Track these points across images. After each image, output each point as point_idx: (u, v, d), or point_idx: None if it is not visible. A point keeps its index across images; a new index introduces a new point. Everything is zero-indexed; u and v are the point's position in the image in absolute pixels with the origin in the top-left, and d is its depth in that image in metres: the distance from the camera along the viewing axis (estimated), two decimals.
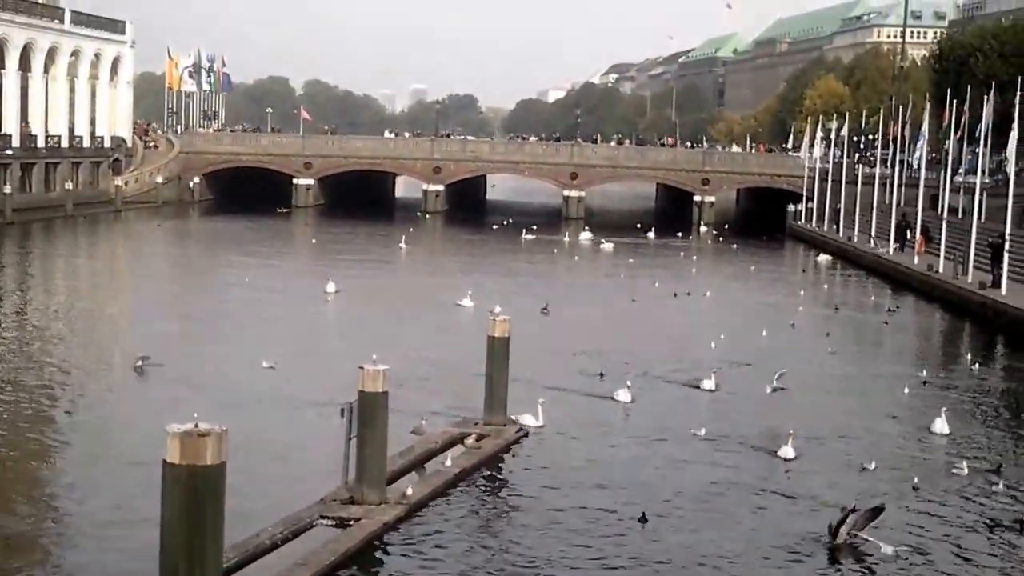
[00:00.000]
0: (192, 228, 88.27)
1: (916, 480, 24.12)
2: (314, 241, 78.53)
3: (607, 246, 75.61)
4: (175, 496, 15.44)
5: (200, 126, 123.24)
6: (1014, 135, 51.80)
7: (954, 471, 25.01)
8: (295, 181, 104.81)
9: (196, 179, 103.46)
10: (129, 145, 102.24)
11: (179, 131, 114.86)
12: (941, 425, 28.19)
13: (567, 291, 53.63)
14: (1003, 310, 46.83)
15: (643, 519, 21.56)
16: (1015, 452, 27.24)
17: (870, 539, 20.07)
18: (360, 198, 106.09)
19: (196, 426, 15.35)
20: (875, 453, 26.05)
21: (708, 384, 32.25)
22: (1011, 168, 53.76)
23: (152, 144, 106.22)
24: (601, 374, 33.37)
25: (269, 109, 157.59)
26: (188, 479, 15.36)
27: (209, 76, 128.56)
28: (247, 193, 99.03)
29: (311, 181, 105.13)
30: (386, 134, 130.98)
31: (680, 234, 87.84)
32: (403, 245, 70.08)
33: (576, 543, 20.56)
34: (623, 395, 30.75)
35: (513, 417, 27.52)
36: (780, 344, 40.87)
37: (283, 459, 24.94)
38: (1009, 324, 45.54)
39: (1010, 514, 22.26)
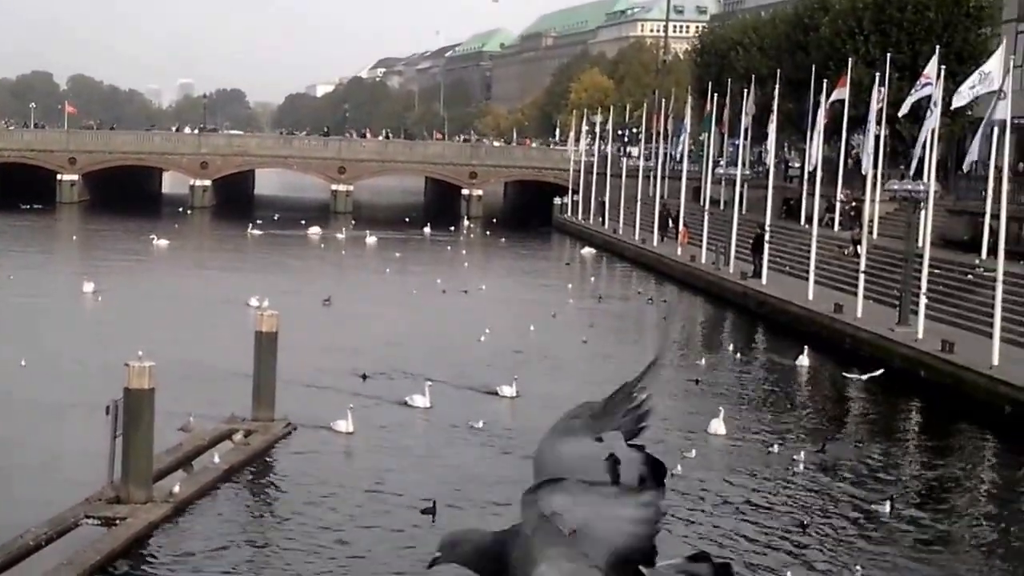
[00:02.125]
0: None
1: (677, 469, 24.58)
2: (75, 238, 76.70)
3: (371, 240, 75.04)
4: None
5: None
6: (772, 127, 53.19)
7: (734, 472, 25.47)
8: (59, 177, 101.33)
9: None
10: None
11: None
12: (717, 425, 27.97)
13: (341, 286, 52.47)
14: (763, 300, 48.06)
15: (431, 511, 21.40)
16: (791, 444, 27.45)
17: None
18: (127, 194, 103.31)
19: None
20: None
21: (508, 391, 31.14)
22: (770, 160, 55.20)
23: None
24: (364, 375, 32.80)
25: (32, 104, 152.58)
26: None
27: None
28: (8, 190, 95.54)
29: (76, 177, 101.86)
30: (187, 130, 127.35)
31: (453, 228, 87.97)
32: (158, 242, 67.96)
33: (347, 539, 20.51)
34: (420, 400, 29.70)
35: (332, 424, 26.95)
36: (546, 338, 41.12)
37: (45, 459, 24.25)
38: (769, 313, 46.78)
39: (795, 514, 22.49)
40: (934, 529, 22.35)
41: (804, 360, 37.08)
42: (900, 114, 45.40)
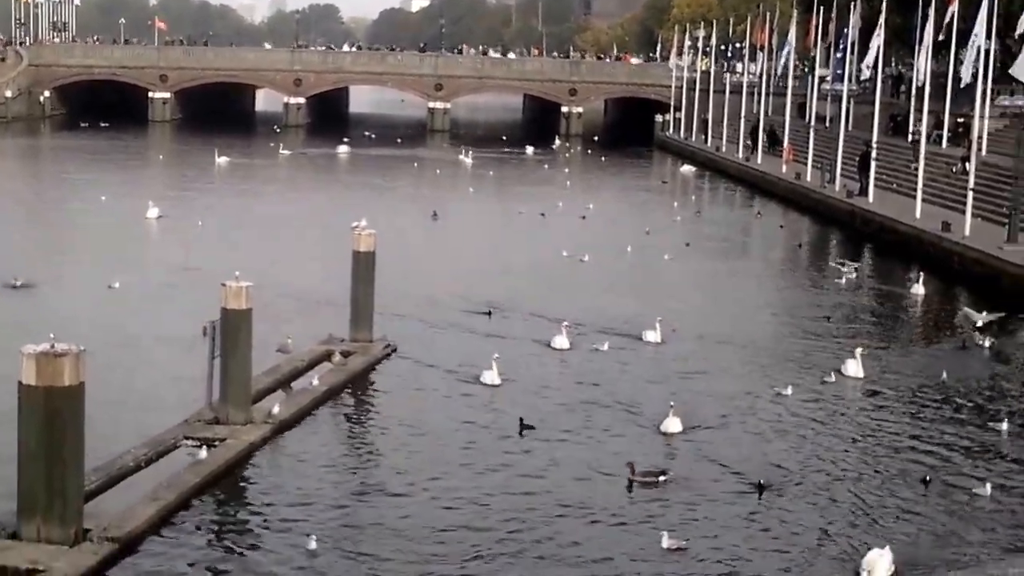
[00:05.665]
0: (42, 144, 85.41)
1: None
2: (161, 157, 77.03)
3: (468, 160, 73.77)
4: (32, 419, 15.29)
5: (50, 38, 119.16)
6: (879, 42, 51.69)
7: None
8: (151, 95, 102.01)
9: (46, 93, 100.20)
10: None
11: (27, 43, 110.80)
12: (855, 368, 25.89)
13: (440, 208, 51.48)
14: (870, 218, 47.17)
15: (526, 427, 21.44)
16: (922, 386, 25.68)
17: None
18: (219, 112, 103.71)
19: (52, 346, 15.18)
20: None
21: (652, 336, 28.42)
22: (877, 76, 53.79)
23: None
24: (489, 312, 30.91)
25: (121, 20, 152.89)
26: (46, 401, 15.21)
27: None
28: (101, 107, 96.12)
29: (167, 95, 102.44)
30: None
31: (554, 147, 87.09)
32: (220, 160, 67.22)
33: (446, 457, 20.27)
34: (560, 341, 27.63)
35: (481, 379, 24.55)
36: (643, 259, 40.75)
37: (143, 380, 24.07)
38: (876, 232, 45.88)
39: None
40: None
41: (919, 288, 35.51)
42: (1018, 33, 43.67)
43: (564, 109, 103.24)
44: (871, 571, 15.23)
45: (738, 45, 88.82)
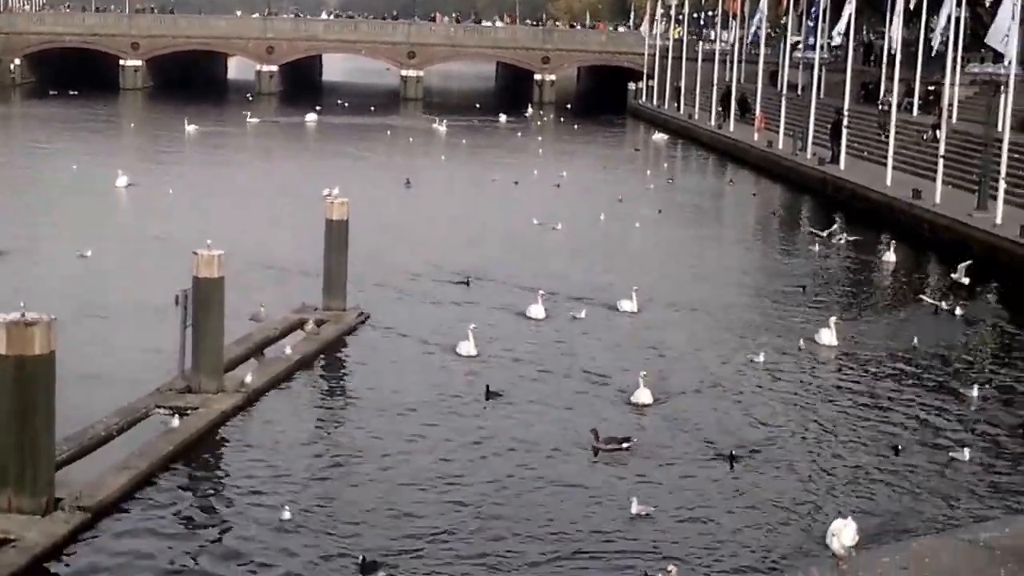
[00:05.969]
0: (12, 113, 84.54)
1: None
2: (132, 126, 76.66)
3: (441, 128, 73.73)
4: (3, 388, 15.27)
5: (20, 5, 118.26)
6: (849, 9, 51.73)
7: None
8: (122, 62, 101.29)
9: (17, 61, 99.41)
10: None
11: None
12: (829, 336, 25.82)
13: (413, 176, 51.27)
14: (842, 186, 47.31)
15: (494, 394, 21.56)
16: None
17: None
18: (191, 80, 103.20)
19: (23, 315, 15.14)
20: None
21: (628, 305, 28.29)
22: (848, 43, 53.85)
23: None
24: (468, 281, 30.78)
25: None
26: (16, 370, 15.22)
27: None
28: (72, 75, 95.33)
29: (139, 63, 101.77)
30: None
31: (528, 115, 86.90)
32: (189, 128, 66.81)
33: (420, 424, 20.27)
34: (535, 311, 27.49)
35: (457, 351, 24.37)
36: (615, 227, 40.80)
37: (116, 349, 24.06)
38: (847, 199, 46.01)
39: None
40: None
41: (890, 256, 35.86)
42: (988, 1, 43.75)
43: (537, 77, 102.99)
44: (838, 536, 15.34)
45: (711, 13, 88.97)
